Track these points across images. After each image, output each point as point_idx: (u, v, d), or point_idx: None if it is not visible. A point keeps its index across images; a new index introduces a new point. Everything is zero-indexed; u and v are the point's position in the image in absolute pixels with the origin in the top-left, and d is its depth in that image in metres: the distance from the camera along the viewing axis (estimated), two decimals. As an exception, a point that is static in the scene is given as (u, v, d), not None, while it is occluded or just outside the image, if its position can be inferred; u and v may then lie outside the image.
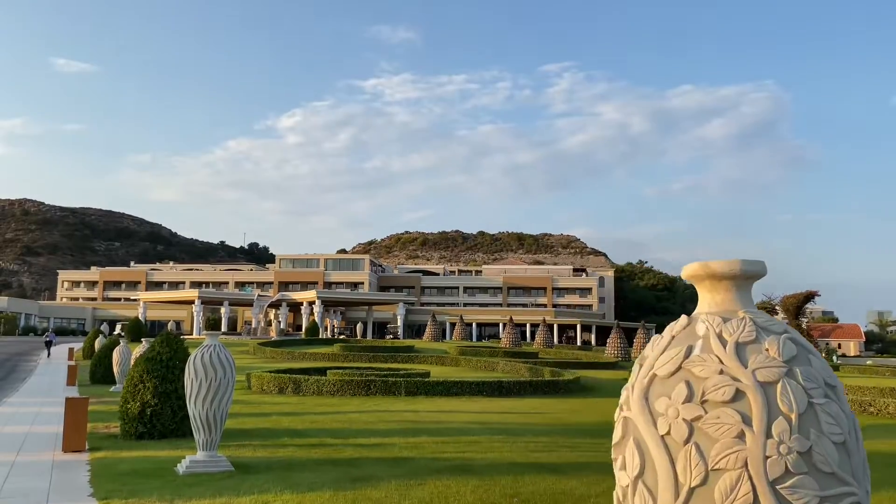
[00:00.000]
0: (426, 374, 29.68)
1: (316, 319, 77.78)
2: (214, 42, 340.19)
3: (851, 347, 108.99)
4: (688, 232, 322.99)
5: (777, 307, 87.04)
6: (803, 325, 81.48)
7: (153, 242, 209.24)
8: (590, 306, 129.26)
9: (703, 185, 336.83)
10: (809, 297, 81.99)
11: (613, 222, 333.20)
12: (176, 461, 10.33)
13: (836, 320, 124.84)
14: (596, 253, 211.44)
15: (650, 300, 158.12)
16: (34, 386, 26.69)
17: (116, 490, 8.55)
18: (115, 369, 25.63)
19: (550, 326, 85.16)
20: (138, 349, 16.79)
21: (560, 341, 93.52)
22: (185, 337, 57.18)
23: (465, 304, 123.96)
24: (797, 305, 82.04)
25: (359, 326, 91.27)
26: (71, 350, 43.47)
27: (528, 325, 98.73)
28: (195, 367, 9.61)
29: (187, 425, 12.97)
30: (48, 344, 47.41)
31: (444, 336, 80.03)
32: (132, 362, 17.78)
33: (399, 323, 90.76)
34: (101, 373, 28.62)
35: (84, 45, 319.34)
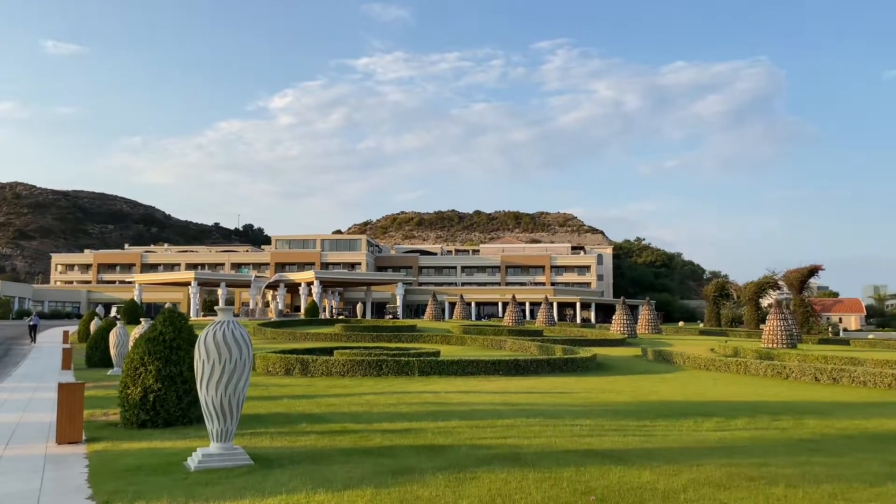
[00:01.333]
0: (436, 353, 28.57)
1: (315, 300, 76.51)
2: (204, 22, 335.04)
3: (853, 322, 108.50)
4: (682, 209, 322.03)
5: (780, 282, 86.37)
6: (807, 300, 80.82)
7: (147, 225, 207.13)
8: (588, 284, 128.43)
9: (697, 162, 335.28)
10: (813, 271, 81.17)
11: (607, 200, 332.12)
12: (185, 454, 9.10)
13: (837, 295, 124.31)
14: (593, 231, 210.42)
15: (649, 277, 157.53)
16: (27, 370, 25.44)
17: (120, 491, 7.32)
18: (112, 352, 24.39)
19: (551, 304, 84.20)
20: (137, 330, 15.58)
21: (560, 319, 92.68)
22: None
23: (462, 284, 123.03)
24: (801, 280, 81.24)
25: (359, 306, 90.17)
26: (66, 333, 42.18)
27: (527, 304, 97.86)
28: (206, 347, 8.34)
29: (194, 411, 11.76)
30: (32, 328, 42.41)
31: (443, 315, 78.95)
32: (131, 344, 16.49)
33: (398, 303, 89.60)
34: (98, 356, 27.39)
35: (73, 27, 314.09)
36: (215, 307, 8.28)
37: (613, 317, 57.19)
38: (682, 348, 35.44)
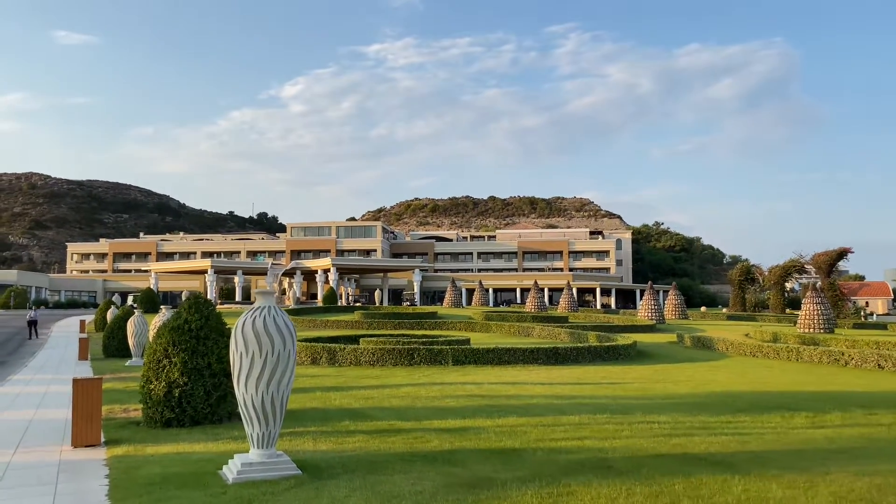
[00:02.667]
0: (466, 340, 27.32)
1: (332, 287, 75.50)
2: (215, 10, 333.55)
3: (879, 305, 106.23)
4: (696, 194, 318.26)
5: (807, 265, 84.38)
6: (836, 284, 78.80)
7: (162, 214, 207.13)
8: (607, 269, 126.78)
9: (711, 146, 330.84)
10: (843, 254, 79.07)
11: (621, 185, 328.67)
12: (219, 460, 7.86)
13: (863, 278, 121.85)
14: (610, 215, 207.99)
15: (668, 261, 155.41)
16: (43, 361, 24.44)
17: (146, 510, 6.08)
18: (131, 342, 23.31)
19: (572, 290, 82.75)
20: (157, 318, 14.40)
21: (581, 305, 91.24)
22: None
23: (479, 270, 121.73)
24: (829, 263, 79.21)
25: (377, 293, 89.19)
26: (82, 322, 41.31)
27: (546, 290, 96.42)
28: (245, 338, 7.06)
29: (224, 408, 10.55)
30: (32, 324, 37.56)
31: (462, 302, 77.78)
32: (152, 332, 15.30)
33: (416, 289, 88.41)
34: (115, 346, 26.35)
35: (84, 17, 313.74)
36: (254, 291, 6.97)
37: (640, 302, 55.69)
38: (720, 334, 33.95)
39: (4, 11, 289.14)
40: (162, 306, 16.31)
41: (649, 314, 53.31)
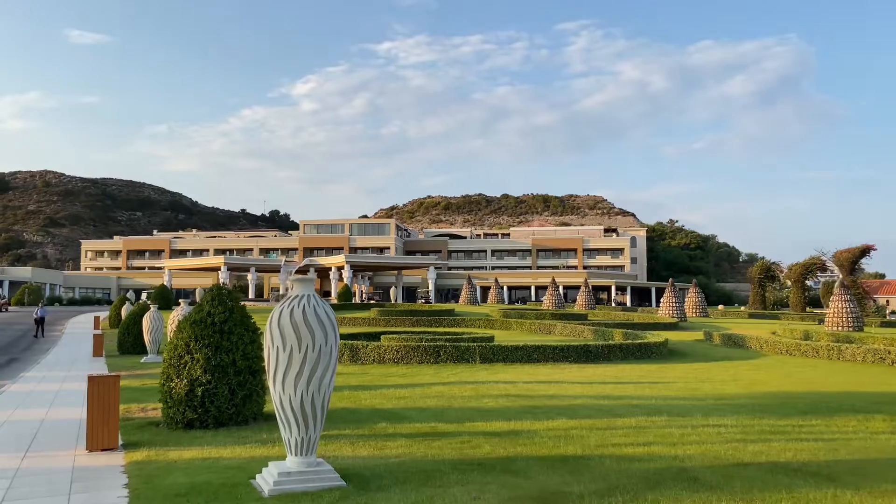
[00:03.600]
0: (490, 338, 26.42)
1: (347, 284, 74.81)
2: (226, 9, 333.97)
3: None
4: (710, 192, 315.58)
5: (828, 262, 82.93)
6: (858, 282, 77.28)
7: (174, 211, 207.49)
8: (622, 267, 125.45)
9: (724, 143, 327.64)
10: (865, 251, 77.53)
11: (634, 183, 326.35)
12: (249, 467, 7.03)
13: (883, 276, 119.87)
14: (624, 213, 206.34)
15: (683, 259, 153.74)
16: (57, 357, 23.79)
17: (173, 530, 5.24)
18: (146, 338, 22.60)
19: (589, 288, 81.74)
20: (177, 312, 13.60)
21: (596, 302, 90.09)
22: None
23: (492, 268, 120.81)
24: (852, 261, 77.71)
25: (392, 291, 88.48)
26: (97, 319, 40.75)
27: (561, 287, 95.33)
28: (282, 331, 6.22)
29: (250, 408, 9.73)
30: (39, 322, 35.33)
31: (477, 300, 76.87)
32: (170, 327, 14.52)
33: (431, 287, 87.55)
34: (131, 342, 25.68)
35: (97, 16, 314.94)
36: (290, 278, 6.10)
37: (662, 299, 54.46)
38: (749, 332, 32.87)
39: (18, 11, 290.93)
40: (181, 300, 15.52)
41: (670, 312, 52.17)
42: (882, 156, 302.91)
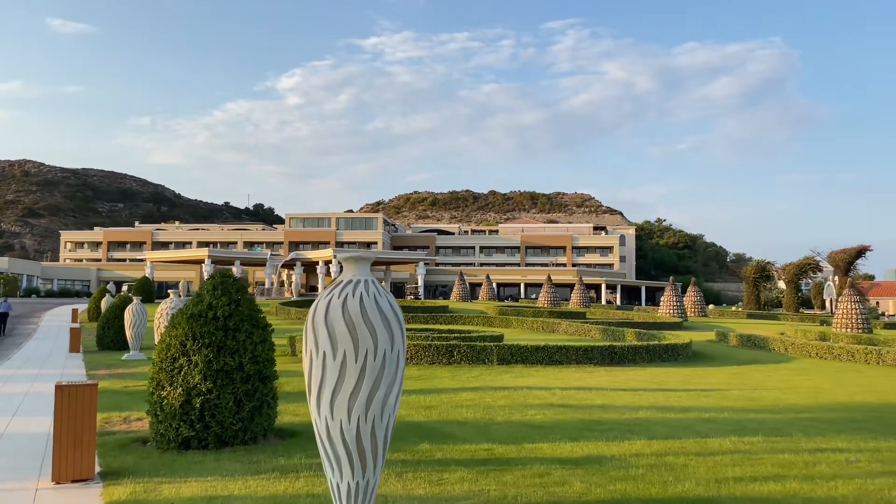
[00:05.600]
0: (500, 337, 24.66)
1: (332, 279, 72.68)
2: (211, 1, 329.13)
3: (891, 306, 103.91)
4: (693, 192, 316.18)
5: (822, 263, 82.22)
6: (854, 283, 76.56)
7: (157, 203, 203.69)
8: (611, 265, 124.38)
9: (708, 144, 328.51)
10: (861, 251, 76.93)
11: (618, 183, 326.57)
12: (273, 512, 5.18)
13: (873, 278, 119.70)
14: (612, 211, 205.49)
15: (671, 258, 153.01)
16: (31, 353, 21.69)
17: None
18: (128, 332, 20.57)
19: (585, 286, 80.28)
20: (165, 305, 11.64)
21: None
22: None
23: (480, 264, 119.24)
24: (847, 261, 77.13)
25: (382, 286, 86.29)
26: (75, 311, 38.49)
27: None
28: (331, 330, 4.37)
29: (259, 423, 7.87)
30: (2, 318, 31.07)
31: (469, 296, 75.08)
32: (157, 321, 12.57)
33: (420, 283, 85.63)
34: (111, 337, 23.61)
35: (81, 5, 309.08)
36: (341, 256, 4.20)
37: (662, 298, 53.04)
38: (763, 332, 31.37)
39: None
40: (169, 290, 13.55)
41: (671, 311, 50.71)
42: (863, 159, 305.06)
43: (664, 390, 13.57)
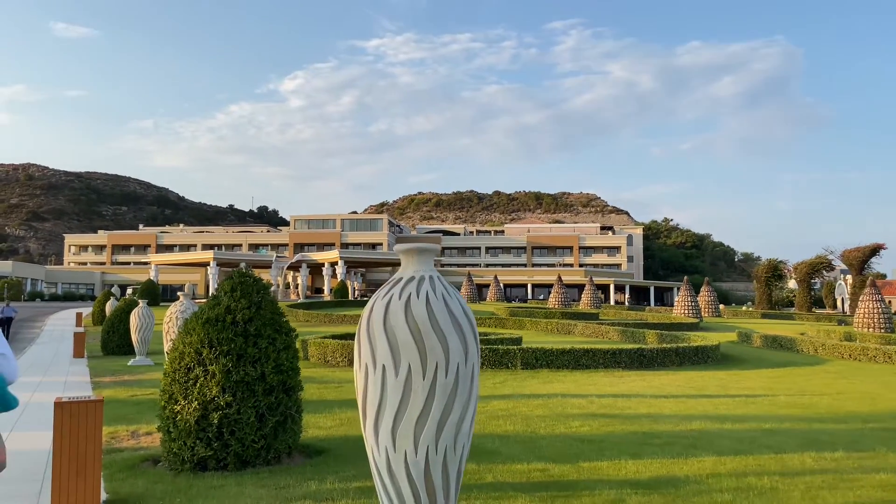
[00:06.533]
0: (518, 339, 23.82)
1: (340, 280, 71.90)
2: (213, 4, 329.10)
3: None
4: (697, 192, 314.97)
5: (835, 262, 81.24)
6: (868, 281, 75.41)
7: (161, 206, 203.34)
8: (618, 265, 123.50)
9: (712, 144, 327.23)
10: (876, 250, 75.73)
11: (622, 183, 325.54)
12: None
13: (885, 276, 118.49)
14: (618, 211, 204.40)
15: (679, 258, 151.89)
16: (34, 358, 20.90)
17: None
18: (134, 337, 19.78)
19: (596, 287, 79.32)
20: (174, 308, 10.82)
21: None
22: (201, 302, 49.66)
23: (486, 265, 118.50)
24: (861, 260, 75.92)
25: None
26: (79, 315, 37.77)
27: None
28: (391, 339, 3.49)
29: (283, 441, 7.02)
30: (5, 323, 30.59)
31: (478, 298, 74.26)
32: (166, 325, 11.73)
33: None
34: (116, 341, 22.86)
35: (84, 9, 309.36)
36: (398, 246, 3.30)
37: (676, 298, 52.11)
38: (785, 333, 30.43)
39: (3, 3, 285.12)
40: (180, 293, 12.71)
41: (686, 311, 49.74)
42: (868, 157, 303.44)
43: (706, 396, 12.68)
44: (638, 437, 8.57)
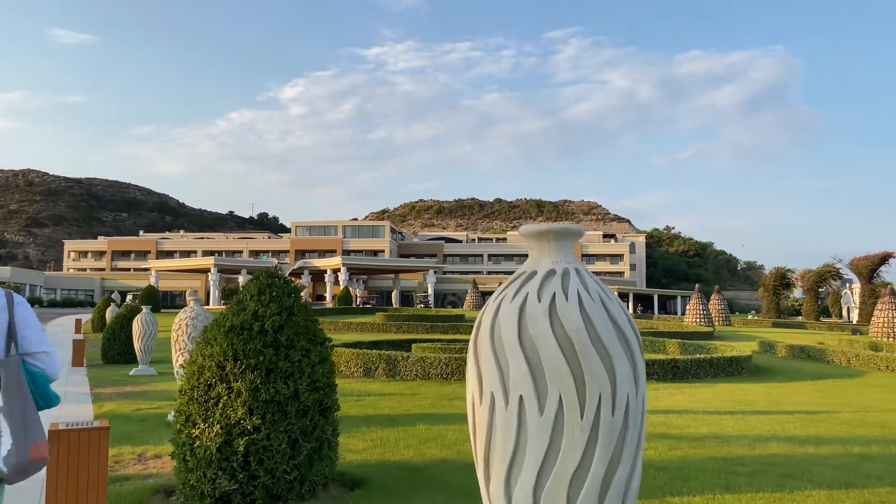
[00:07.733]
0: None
1: (343, 287, 70.78)
2: (214, 11, 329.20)
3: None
4: (697, 200, 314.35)
5: (843, 270, 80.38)
6: (877, 290, 74.39)
7: (161, 213, 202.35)
8: (621, 273, 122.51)
9: (711, 153, 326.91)
10: (885, 258, 74.78)
11: (621, 191, 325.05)
12: None
13: (888, 285, 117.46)
14: (619, 219, 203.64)
15: (682, 266, 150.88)
16: (28, 368, 19.73)
17: None
18: (137, 345, 18.68)
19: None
20: (184, 314, 9.82)
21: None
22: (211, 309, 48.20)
23: (488, 273, 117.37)
24: (871, 268, 75.00)
25: (394, 295, 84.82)
26: (78, 322, 36.66)
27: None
28: (530, 357, 2.42)
29: (319, 470, 5.96)
30: None
31: (482, 305, 73.06)
32: (175, 334, 10.65)
33: (430, 291, 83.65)
34: (117, 349, 21.75)
35: (84, 16, 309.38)
36: (521, 228, 2.21)
37: (688, 307, 51.09)
38: (803, 342, 29.36)
39: (3, 10, 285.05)
40: (190, 299, 11.63)
41: (698, 320, 48.71)
42: (866, 166, 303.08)
43: (762, 413, 11.61)
44: (717, 463, 7.49)
